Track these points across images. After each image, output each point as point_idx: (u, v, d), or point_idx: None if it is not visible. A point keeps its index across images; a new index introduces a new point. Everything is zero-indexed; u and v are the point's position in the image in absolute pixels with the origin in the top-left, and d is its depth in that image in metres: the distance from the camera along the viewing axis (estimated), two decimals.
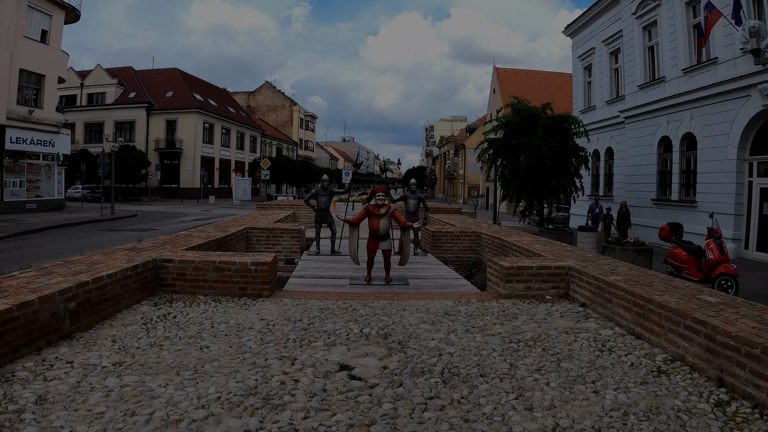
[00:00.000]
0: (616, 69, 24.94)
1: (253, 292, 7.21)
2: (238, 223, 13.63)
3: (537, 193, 19.51)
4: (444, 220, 16.41)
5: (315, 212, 12.71)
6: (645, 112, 21.19)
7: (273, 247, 12.77)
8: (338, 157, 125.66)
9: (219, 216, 29.13)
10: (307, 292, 7.65)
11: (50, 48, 29.74)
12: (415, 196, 12.54)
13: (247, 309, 6.51)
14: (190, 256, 7.60)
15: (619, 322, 6.00)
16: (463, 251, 12.98)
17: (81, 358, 4.56)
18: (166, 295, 7.19)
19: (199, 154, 55.23)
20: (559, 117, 19.33)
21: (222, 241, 10.53)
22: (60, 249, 15.37)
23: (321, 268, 10.33)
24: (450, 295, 7.76)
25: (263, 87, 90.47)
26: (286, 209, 21.10)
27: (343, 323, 5.87)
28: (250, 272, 7.21)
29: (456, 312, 6.53)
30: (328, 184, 12.65)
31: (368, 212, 8.90)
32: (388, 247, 8.94)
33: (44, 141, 29.36)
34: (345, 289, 8.29)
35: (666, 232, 11.88)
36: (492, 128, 21.41)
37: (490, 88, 57.62)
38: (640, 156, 21.58)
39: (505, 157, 19.97)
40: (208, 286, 7.28)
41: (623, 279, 6.55)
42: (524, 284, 7.57)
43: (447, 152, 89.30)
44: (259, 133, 71.86)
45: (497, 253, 11.46)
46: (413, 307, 6.77)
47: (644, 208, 20.78)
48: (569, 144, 18.92)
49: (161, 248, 8.43)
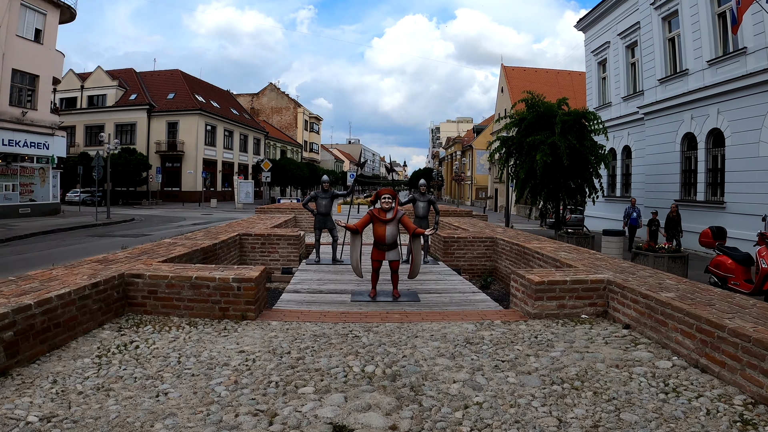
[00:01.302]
0: (633, 63, 23.74)
1: (236, 314, 6.11)
2: (232, 229, 12.54)
3: (554, 194, 18.35)
4: (455, 224, 15.29)
5: (314, 217, 11.65)
6: (666, 107, 19.97)
7: (269, 255, 11.69)
8: (343, 159, 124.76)
9: (218, 220, 28.08)
10: (301, 313, 6.54)
11: (44, 48, 28.75)
12: (425, 199, 11.38)
13: (226, 336, 5.41)
14: (165, 270, 6.51)
15: (677, 351, 4.93)
16: (478, 258, 11.86)
17: (5, 407, 3.50)
18: (136, 317, 6.14)
19: (201, 157, 54.17)
20: (576, 112, 18.22)
21: (209, 250, 9.42)
22: (39, 258, 14.29)
23: (320, 281, 9.22)
24: (469, 314, 6.61)
25: (267, 89, 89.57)
26: (287, 213, 20.04)
27: (340, 357, 4.74)
28: (232, 290, 6.10)
29: (479, 339, 5.40)
30: (328, 186, 11.56)
31: (373, 217, 7.69)
32: (396, 258, 7.79)
33: (38, 143, 28.33)
34: (346, 307, 7.17)
35: (708, 238, 10.64)
36: (504, 126, 20.29)
37: (497, 88, 56.55)
38: (661, 154, 20.35)
39: (518, 156, 18.82)
40: (184, 306, 6.20)
41: (677, 296, 5.45)
42: (556, 302, 6.46)
43: (454, 153, 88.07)
44: (262, 135, 70.83)
45: (516, 262, 10.33)
46: (426, 332, 5.64)
47: (667, 209, 19.56)
48: (587, 141, 17.81)
49: (135, 260, 7.35)
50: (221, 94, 67.97)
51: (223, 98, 66.68)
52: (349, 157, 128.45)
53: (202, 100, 56.75)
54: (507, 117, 19.62)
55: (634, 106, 22.64)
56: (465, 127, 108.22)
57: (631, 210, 18.81)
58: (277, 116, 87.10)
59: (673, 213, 16.62)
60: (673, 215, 16.57)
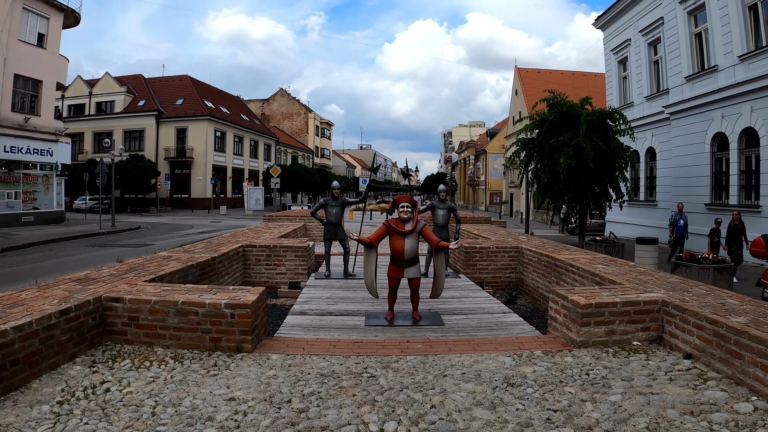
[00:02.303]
0: (656, 61, 22.68)
1: (230, 345, 5.22)
2: (236, 240, 11.64)
3: (578, 199, 17.32)
4: (474, 232, 14.33)
5: (324, 226, 10.72)
6: (694, 106, 18.91)
7: (275, 269, 10.77)
8: (355, 164, 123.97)
9: (226, 228, 27.26)
10: (307, 342, 5.61)
11: (48, 52, 28.06)
12: (445, 206, 10.42)
13: (215, 375, 4.51)
14: (149, 292, 5.63)
15: (757, 389, 4.10)
16: (502, 270, 10.90)
17: None
18: (115, 347, 5.29)
19: (210, 163, 53.41)
20: (601, 112, 17.19)
21: (207, 265, 8.53)
22: (29, 271, 13.40)
23: (330, 299, 8.29)
24: (503, 343, 5.67)
25: (277, 94, 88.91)
26: (296, 221, 19.11)
27: (353, 408, 3.81)
28: (225, 318, 5.20)
29: (521, 379, 4.47)
30: (339, 193, 10.64)
31: (389, 229, 6.75)
32: (416, 275, 6.82)
33: (41, 150, 27.60)
34: (359, 333, 6.25)
35: (761, 247, 9.62)
36: (524, 127, 19.30)
37: (511, 91, 55.51)
38: (689, 156, 19.29)
39: (540, 159, 17.82)
40: (169, 335, 5.33)
41: (750, 321, 4.57)
42: (605, 327, 5.55)
43: (467, 158, 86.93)
44: (273, 141, 70.08)
45: (546, 275, 9.36)
46: (457, 368, 4.72)
47: (696, 214, 18.50)
48: (614, 143, 16.80)
49: (120, 278, 6.49)
50: (231, 100, 67.35)
51: (232, 104, 66.05)
52: (361, 162, 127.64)
53: (212, 106, 56.08)
54: (527, 118, 18.59)
55: (659, 106, 21.61)
56: (477, 131, 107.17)
57: (677, 217, 16.44)
58: (287, 122, 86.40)
59: (735, 221, 14.25)
60: (736, 224, 14.20)
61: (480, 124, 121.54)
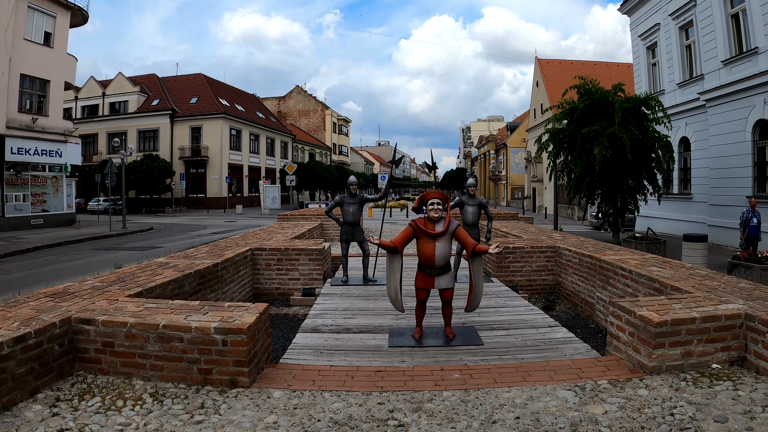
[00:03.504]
0: (689, 45, 21.37)
1: (222, 378, 4.27)
2: (245, 242, 10.71)
3: (613, 193, 16.22)
4: (503, 230, 13.29)
5: (340, 227, 9.72)
6: (733, 92, 17.59)
7: (287, 274, 9.80)
8: (374, 161, 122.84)
9: (242, 228, 26.39)
10: (319, 372, 4.63)
11: (55, 51, 27.28)
12: (475, 202, 9.39)
13: (200, 422, 3.59)
14: (128, 311, 4.71)
15: None
16: (537, 272, 9.86)
17: None
18: (87, 378, 4.44)
19: (226, 162, 52.59)
20: (636, 99, 16.09)
21: (208, 272, 7.58)
22: (26, 278, 12.46)
23: (347, 310, 7.30)
24: (558, 369, 4.63)
25: (294, 92, 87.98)
26: (312, 220, 18.19)
27: None
28: (215, 345, 4.25)
29: (592, 425, 3.47)
30: (356, 189, 9.62)
31: (417, 231, 5.68)
32: (449, 285, 5.74)
33: (50, 151, 26.85)
34: (382, 357, 5.25)
35: None
36: (552, 117, 18.21)
37: (532, 83, 54.20)
38: (727, 145, 17.99)
39: (571, 150, 16.73)
40: (150, 365, 4.39)
41: None
42: (681, 348, 4.54)
43: (487, 152, 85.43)
44: (290, 139, 69.18)
45: (589, 279, 8.31)
46: (508, 410, 3.74)
47: (736, 207, 17.27)
48: (651, 132, 15.70)
49: (101, 292, 5.58)
50: (246, 98, 66.58)
51: (248, 102, 65.28)
52: (379, 159, 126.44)
53: (226, 104, 55.32)
54: (555, 107, 17.47)
55: (693, 93, 20.32)
56: (496, 125, 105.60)
57: (750, 214, 13.81)
58: (304, 119, 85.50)
59: None
60: None
61: (499, 119, 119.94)
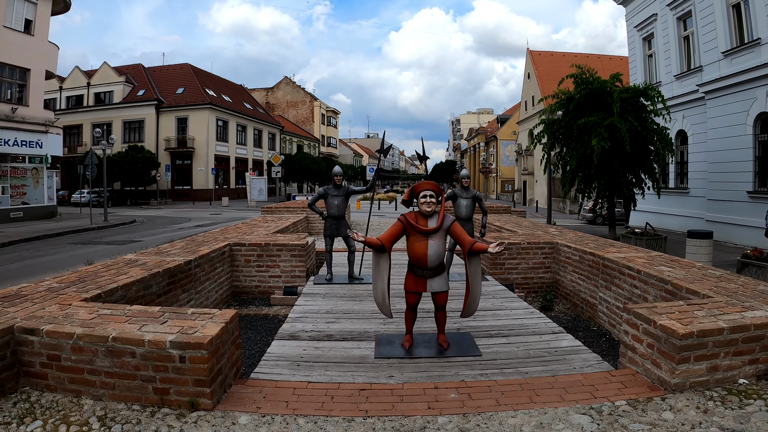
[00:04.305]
0: (686, 36, 20.83)
1: (181, 399, 3.65)
2: (224, 236, 10.06)
3: (610, 186, 15.68)
4: (496, 224, 12.71)
5: (324, 221, 9.10)
6: (734, 84, 17.07)
7: (268, 271, 9.17)
8: (362, 153, 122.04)
9: (226, 221, 25.69)
10: (294, 390, 4.01)
11: (36, 39, 26.35)
12: (469, 195, 8.81)
13: None
14: (78, 319, 4.08)
15: None
16: (534, 270, 9.28)
17: None
18: (33, 395, 3.85)
19: (212, 153, 51.69)
20: (635, 89, 15.55)
21: (179, 271, 6.94)
22: None
23: (330, 313, 6.70)
24: (569, 386, 4.04)
25: (282, 83, 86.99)
26: (297, 213, 17.50)
27: None
28: (172, 361, 3.63)
29: None
30: (341, 180, 8.99)
31: (407, 227, 5.01)
32: (443, 288, 5.12)
33: (30, 142, 25.98)
34: (367, 371, 4.64)
35: None
36: (548, 107, 17.60)
37: (523, 74, 53.55)
38: (727, 139, 17.46)
39: (566, 142, 16.17)
40: (101, 382, 3.76)
41: None
42: (707, 362, 3.98)
43: (477, 145, 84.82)
44: (278, 130, 68.21)
45: (591, 277, 7.74)
46: None
47: (737, 203, 16.79)
48: (650, 123, 15.16)
49: (57, 294, 4.94)
50: (234, 89, 65.54)
51: (235, 92, 64.25)
52: (368, 151, 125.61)
53: (213, 94, 54.33)
54: (551, 97, 16.86)
55: (691, 85, 19.81)
56: (486, 118, 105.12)
57: None
58: (293, 110, 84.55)
59: None
60: None
61: (488, 111, 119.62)
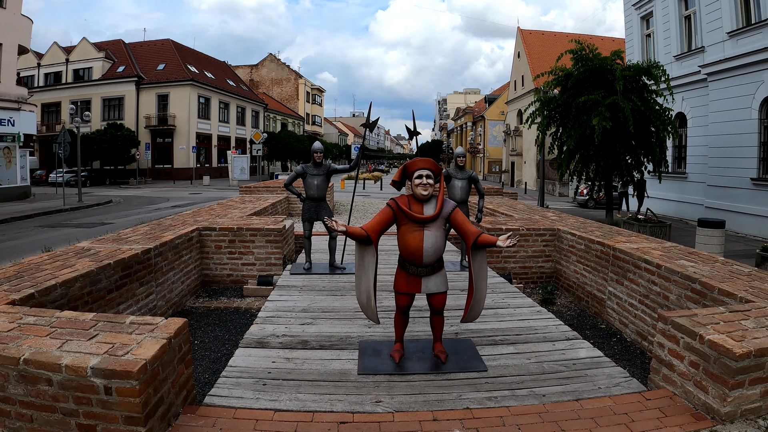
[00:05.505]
0: (688, 16, 19.97)
1: None
2: (194, 219, 9.15)
3: (610, 168, 14.95)
4: (489, 207, 11.91)
5: (302, 203, 8.18)
6: (739, 66, 16.25)
7: (240, 258, 8.27)
8: (347, 132, 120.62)
9: (206, 200, 24.70)
10: (256, 422, 3.14)
11: (7, 12, 24.97)
12: (464, 176, 7.94)
13: None
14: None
15: None
16: (533, 259, 8.50)
17: None
18: None
19: (194, 131, 50.28)
20: (638, 67, 14.76)
21: (136, 261, 6.05)
22: None
23: (306, 312, 5.81)
24: (598, 415, 3.20)
25: (266, 60, 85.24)
26: (277, 193, 16.53)
27: None
28: (96, 393, 2.75)
29: None
30: (321, 157, 8.05)
31: (398, 214, 4.06)
32: (441, 289, 4.21)
33: (1, 119, 24.73)
34: (348, 393, 3.74)
35: None
36: (544, 84, 16.78)
37: (513, 53, 52.44)
38: (730, 123, 16.71)
39: (564, 121, 15.38)
40: (16, 413, 2.89)
41: None
42: (761, 386, 3.21)
43: (464, 125, 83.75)
44: (261, 108, 66.69)
45: (599, 269, 6.94)
46: None
47: (740, 189, 16.10)
48: (653, 104, 14.42)
49: None
50: (217, 65, 63.83)
51: (218, 69, 62.55)
52: (354, 130, 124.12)
53: (195, 71, 52.75)
54: (548, 73, 15.98)
55: (692, 66, 18.97)
56: (473, 98, 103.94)
57: None
58: (277, 88, 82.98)
59: None
60: None
61: (475, 92, 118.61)
